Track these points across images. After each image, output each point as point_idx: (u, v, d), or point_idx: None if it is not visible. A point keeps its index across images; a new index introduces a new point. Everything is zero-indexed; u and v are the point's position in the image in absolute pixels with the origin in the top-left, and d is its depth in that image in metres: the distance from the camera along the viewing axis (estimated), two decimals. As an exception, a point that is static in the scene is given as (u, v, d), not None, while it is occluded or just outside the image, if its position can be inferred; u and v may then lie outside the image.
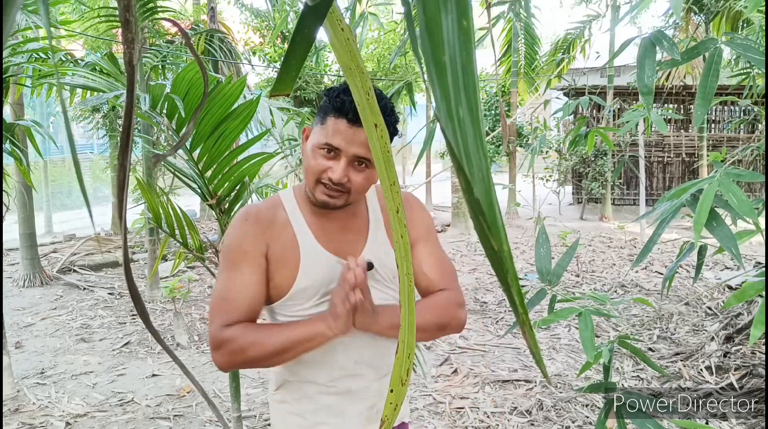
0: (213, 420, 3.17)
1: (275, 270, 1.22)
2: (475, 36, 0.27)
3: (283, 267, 1.22)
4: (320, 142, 1.16)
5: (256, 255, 1.21)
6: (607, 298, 1.28)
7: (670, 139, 11.25)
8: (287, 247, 1.22)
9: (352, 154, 1.15)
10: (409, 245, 0.34)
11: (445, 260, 1.34)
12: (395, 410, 0.34)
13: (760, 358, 3.43)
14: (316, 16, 0.33)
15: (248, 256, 1.21)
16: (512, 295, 0.23)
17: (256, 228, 1.22)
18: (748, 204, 0.93)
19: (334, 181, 1.16)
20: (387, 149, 0.33)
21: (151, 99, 1.89)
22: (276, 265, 1.22)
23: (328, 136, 1.15)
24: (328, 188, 1.17)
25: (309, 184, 1.21)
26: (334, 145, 1.15)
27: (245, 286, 1.20)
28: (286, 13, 8.30)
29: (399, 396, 0.34)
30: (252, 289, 1.20)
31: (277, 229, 1.23)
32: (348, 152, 1.15)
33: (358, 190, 1.19)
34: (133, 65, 0.22)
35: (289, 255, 1.21)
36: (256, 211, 1.26)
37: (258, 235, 1.22)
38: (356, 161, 1.16)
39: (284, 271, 1.21)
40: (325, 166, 1.16)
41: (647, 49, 0.97)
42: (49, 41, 3.83)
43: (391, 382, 0.35)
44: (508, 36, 9.96)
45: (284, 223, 1.24)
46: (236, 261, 1.21)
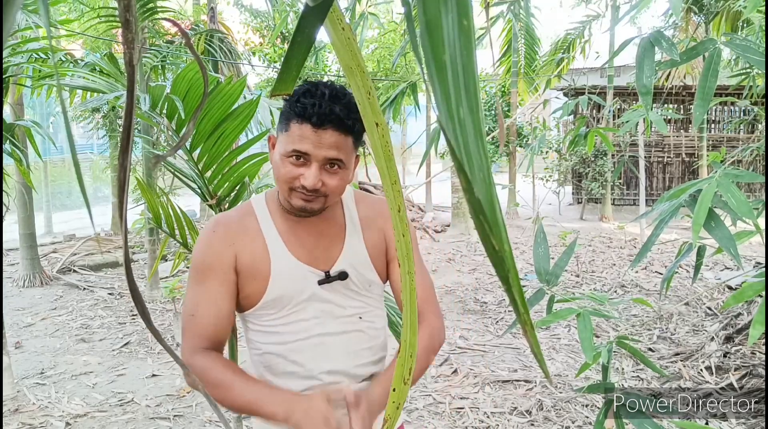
0: (213, 420, 3.17)
1: (246, 281, 1.19)
2: (475, 36, 0.27)
3: (253, 277, 1.18)
4: (287, 149, 1.12)
5: (224, 268, 1.18)
6: (605, 298, 1.28)
7: (669, 140, 11.26)
8: (257, 257, 1.18)
9: (322, 158, 1.11)
10: (410, 244, 0.34)
11: (425, 276, 1.30)
12: (398, 409, 0.34)
13: (760, 358, 3.43)
14: (316, 16, 0.33)
15: (214, 270, 1.18)
16: (513, 294, 0.23)
17: (224, 240, 1.19)
18: (746, 205, 0.93)
19: (308, 188, 1.12)
20: (388, 148, 0.33)
21: (151, 99, 1.89)
22: (246, 275, 1.19)
23: (295, 142, 1.11)
24: (304, 194, 1.14)
25: (283, 192, 1.17)
26: (302, 151, 1.11)
27: (211, 303, 1.17)
28: (286, 14, 8.30)
29: (401, 395, 0.34)
30: (218, 305, 1.18)
31: (247, 239, 1.20)
32: (318, 156, 1.11)
33: (334, 192, 1.15)
34: (133, 65, 0.22)
35: (259, 265, 1.18)
36: (226, 221, 1.22)
37: (225, 247, 1.18)
38: (327, 164, 1.12)
39: (255, 282, 1.18)
40: (296, 173, 1.12)
41: (646, 50, 0.97)
42: (49, 41, 3.83)
43: (393, 381, 0.35)
44: (508, 36, 9.97)
45: (255, 232, 1.21)
46: (203, 275, 1.18)
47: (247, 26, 11.45)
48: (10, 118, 4.96)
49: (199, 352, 1.16)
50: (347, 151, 1.13)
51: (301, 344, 1.20)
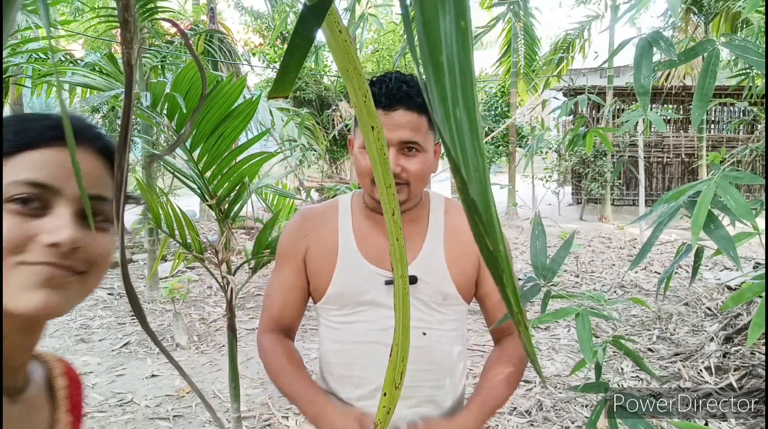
0: (212, 420, 3.17)
1: (313, 273, 1.23)
2: (473, 36, 0.27)
3: (320, 270, 1.21)
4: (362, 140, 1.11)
5: (296, 257, 1.23)
6: (602, 297, 1.28)
7: (669, 140, 11.26)
8: (327, 250, 1.21)
9: (397, 141, 1.08)
10: (404, 249, 0.33)
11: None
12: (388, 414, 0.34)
13: (760, 358, 3.43)
14: (314, 17, 0.33)
15: (288, 258, 1.24)
16: (508, 294, 0.23)
17: (301, 230, 1.24)
18: (745, 206, 0.93)
19: None
20: (383, 152, 0.34)
21: (152, 97, 1.89)
22: (314, 267, 1.22)
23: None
24: None
25: (365, 187, 1.16)
26: None
27: (282, 288, 1.25)
28: (286, 14, 8.31)
29: (392, 400, 0.34)
30: (286, 292, 1.24)
31: (323, 233, 1.22)
32: (393, 140, 1.08)
33: (417, 177, 1.11)
34: (131, 65, 0.22)
35: (327, 258, 1.21)
36: (308, 212, 1.27)
37: (300, 237, 1.23)
38: (404, 148, 1.10)
39: (321, 275, 1.21)
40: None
41: (644, 50, 0.97)
42: (49, 41, 3.83)
43: (384, 386, 0.34)
44: (507, 36, 9.97)
45: (332, 227, 1.23)
46: (279, 261, 1.26)
47: (247, 27, 11.46)
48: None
49: (268, 332, 1.25)
50: (422, 132, 1.10)
51: (356, 347, 1.19)
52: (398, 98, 1.07)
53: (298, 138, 4.25)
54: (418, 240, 1.20)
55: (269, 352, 1.22)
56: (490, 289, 1.24)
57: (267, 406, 3.28)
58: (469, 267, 1.21)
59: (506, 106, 11.09)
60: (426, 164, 1.12)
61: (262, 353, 1.23)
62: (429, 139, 1.12)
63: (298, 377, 1.18)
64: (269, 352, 1.22)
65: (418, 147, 1.10)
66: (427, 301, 1.18)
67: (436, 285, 1.17)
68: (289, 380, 1.17)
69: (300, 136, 4.19)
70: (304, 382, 1.17)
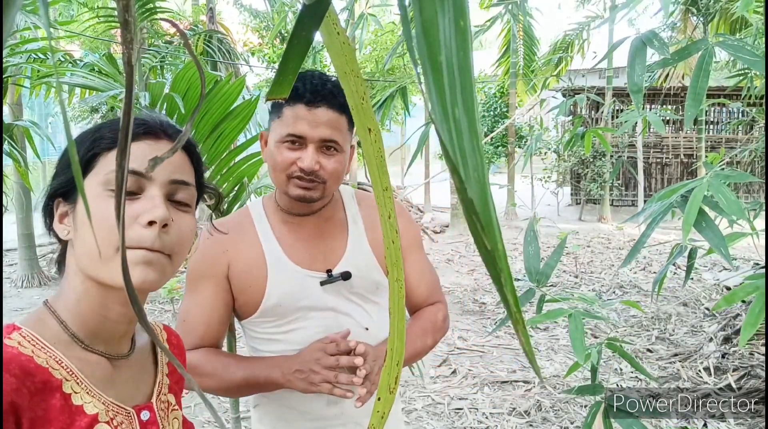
0: (211, 421, 3.17)
1: (241, 289, 1.16)
2: (472, 36, 0.27)
3: (249, 284, 1.15)
4: (282, 134, 1.08)
5: (216, 276, 1.15)
6: (595, 300, 1.29)
7: (668, 140, 11.27)
8: (253, 263, 1.15)
9: (318, 139, 1.07)
10: (400, 252, 0.34)
11: (431, 270, 1.31)
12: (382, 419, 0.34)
13: (759, 359, 3.43)
14: (313, 18, 0.33)
15: (207, 278, 1.16)
16: (506, 294, 0.23)
17: (217, 247, 1.16)
18: (737, 205, 0.93)
19: (305, 171, 1.07)
20: (381, 153, 0.33)
21: (151, 97, 1.89)
22: (241, 283, 1.15)
23: (289, 125, 1.08)
24: (301, 180, 1.09)
25: (280, 183, 1.12)
26: (297, 134, 1.07)
27: (201, 309, 1.16)
28: (285, 14, 8.31)
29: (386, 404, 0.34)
30: (208, 312, 1.15)
31: (242, 246, 1.16)
32: (314, 137, 1.07)
33: (333, 177, 1.11)
34: (131, 65, 0.23)
35: (255, 272, 1.14)
36: (221, 227, 1.17)
37: (218, 254, 1.15)
38: (324, 146, 1.09)
39: (251, 289, 1.15)
40: (292, 157, 1.08)
41: (638, 49, 0.97)
42: (49, 41, 3.83)
43: (378, 390, 0.34)
44: (507, 37, 9.97)
45: (251, 237, 1.17)
46: (195, 283, 1.17)
47: (246, 26, 11.46)
48: (9, 119, 4.96)
49: (189, 351, 1.13)
50: (342, 132, 1.11)
51: None
52: (322, 95, 1.07)
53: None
54: (341, 236, 1.20)
55: (203, 364, 1.12)
56: (408, 271, 1.26)
57: (266, 407, 3.28)
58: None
59: (505, 107, 11.10)
60: (342, 164, 1.12)
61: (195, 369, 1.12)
62: (347, 139, 1.13)
63: (242, 360, 1.14)
64: (202, 363, 1.12)
65: (337, 146, 1.10)
66: (363, 293, 1.19)
67: (368, 276, 1.18)
68: (236, 368, 1.11)
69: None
70: (251, 359, 1.15)
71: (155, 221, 0.65)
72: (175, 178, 0.70)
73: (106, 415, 0.67)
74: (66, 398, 0.64)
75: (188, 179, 0.73)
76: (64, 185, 0.70)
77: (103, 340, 0.70)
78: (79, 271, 0.68)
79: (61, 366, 0.65)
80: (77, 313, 0.68)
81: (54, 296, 0.71)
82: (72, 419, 0.64)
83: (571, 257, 6.84)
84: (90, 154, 0.69)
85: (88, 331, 0.69)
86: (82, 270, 0.68)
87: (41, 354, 0.64)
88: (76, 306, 0.68)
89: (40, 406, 0.61)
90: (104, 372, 0.70)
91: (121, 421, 0.69)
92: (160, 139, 0.71)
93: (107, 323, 0.70)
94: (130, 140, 0.25)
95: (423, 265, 1.30)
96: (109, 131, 0.70)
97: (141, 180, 0.68)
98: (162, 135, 0.71)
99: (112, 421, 0.67)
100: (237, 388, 1.12)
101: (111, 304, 0.69)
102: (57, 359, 0.65)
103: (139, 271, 0.65)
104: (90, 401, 0.66)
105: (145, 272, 0.66)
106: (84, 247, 0.66)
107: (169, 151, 0.28)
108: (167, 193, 0.70)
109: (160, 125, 0.72)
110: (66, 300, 0.69)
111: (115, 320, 0.70)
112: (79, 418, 0.64)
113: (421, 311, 1.28)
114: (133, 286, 0.26)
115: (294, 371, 1.06)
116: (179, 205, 0.72)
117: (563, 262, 6.74)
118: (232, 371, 1.11)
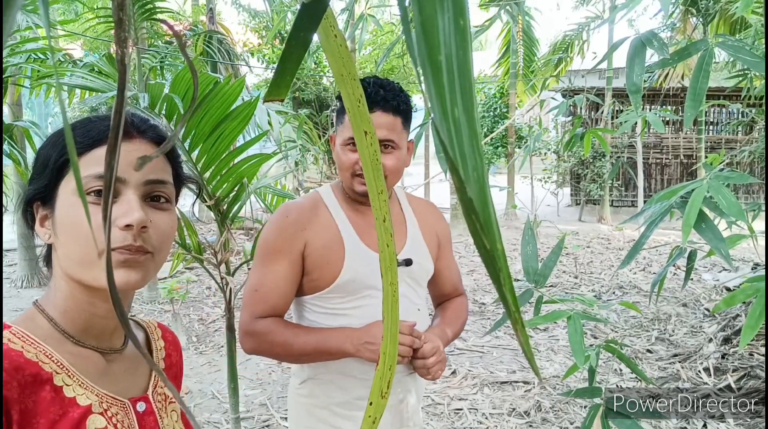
0: (211, 421, 3.17)
1: (316, 265, 1.26)
2: (471, 36, 0.27)
3: (325, 262, 1.25)
4: (344, 138, 1.23)
5: (292, 252, 1.25)
6: (594, 301, 1.29)
7: (668, 141, 11.28)
8: (331, 243, 1.26)
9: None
10: (395, 255, 0.34)
11: (457, 264, 1.49)
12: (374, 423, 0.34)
13: (758, 359, 3.43)
14: (311, 19, 0.32)
15: (282, 253, 1.25)
16: (505, 294, 0.23)
17: (296, 226, 1.26)
18: (737, 206, 0.93)
19: None
20: (376, 157, 0.33)
21: (150, 98, 1.89)
22: (317, 260, 1.25)
23: (350, 130, 1.22)
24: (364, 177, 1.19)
25: (346, 180, 1.26)
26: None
27: (276, 281, 1.25)
28: (284, 14, 8.31)
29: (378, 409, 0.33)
30: (282, 284, 1.25)
31: (318, 226, 1.27)
32: None
33: (392, 172, 1.24)
34: (125, 64, 0.22)
35: (332, 250, 1.25)
36: (298, 208, 1.29)
37: (296, 232, 1.25)
38: (382, 145, 1.21)
39: (327, 266, 1.25)
40: (354, 158, 1.22)
41: (637, 49, 0.98)
42: (49, 41, 3.83)
43: (370, 395, 0.34)
44: (506, 38, 9.98)
45: (326, 220, 1.28)
46: (270, 257, 1.26)
47: (245, 27, 11.46)
48: (9, 119, 4.96)
49: (259, 319, 1.24)
50: (398, 132, 1.23)
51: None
52: (376, 101, 1.20)
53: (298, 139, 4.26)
54: (402, 228, 1.35)
55: (274, 332, 1.21)
56: (444, 264, 1.45)
57: (266, 407, 3.28)
58: (435, 247, 1.41)
59: (505, 108, 11.10)
60: (400, 160, 1.25)
61: (266, 337, 1.22)
62: (403, 137, 1.26)
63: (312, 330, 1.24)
64: (274, 331, 1.21)
65: (394, 144, 1.23)
66: (419, 279, 1.35)
67: (424, 264, 1.35)
68: (307, 337, 1.21)
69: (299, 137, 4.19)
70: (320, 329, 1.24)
71: (132, 224, 0.66)
72: (150, 178, 0.70)
73: (100, 407, 0.68)
74: (57, 390, 0.65)
75: (164, 177, 0.73)
76: (41, 190, 0.70)
77: (94, 335, 0.72)
78: (63, 273, 0.70)
79: (52, 360, 0.66)
80: (65, 310, 0.70)
81: (43, 296, 0.73)
82: (64, 410, 0.65)
83: (571, 258, 6.84)
84: (62, 159, 0.69)
85: (78, 328, 0.70)
86: (66, 272, 0.69)
87: (31, 349, 0.65)
88: (64, 304, 0.70)
89: (30, 398, 0.63)
90: (97, 366, 0.71)
91: (116, 412, 0.70)
92: (133, 139, 0.70)
93: (96, 319, 0.71)
94: (120, 139, 0.24)
95: (453, 259, 1.48)
96: (80, 136, 0.69)
97: (116, 184, 0.67)
98: (135, 134, 0.71)
99: (106, 412, 0.69)
100: (306, 355, 1.23)
101: (98, 302, 0.70)
102: (47, 353, 0.66)
103: (120, 274, 0.67)
104: (83, 393, 0.67)
105: (127, 274, 0.67)
106: (65, 251, 0.67)
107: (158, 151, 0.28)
108: (144, 194, 0.70)
109: (131, 124, 0.71)
110: (54, 299, 0.71)
111: (103, 316, 0.71)
112: (72, 409, 0.65)
113: (451, 301, 1.46)
114: (116, 289, 0.26)
115: (364, 342, 1.17)
116: (157, 203, 0.72)
117: (563, 263, 6.74)
118: (303, 340, 1.21)
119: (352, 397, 1.30)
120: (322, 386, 1.32)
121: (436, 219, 1.44)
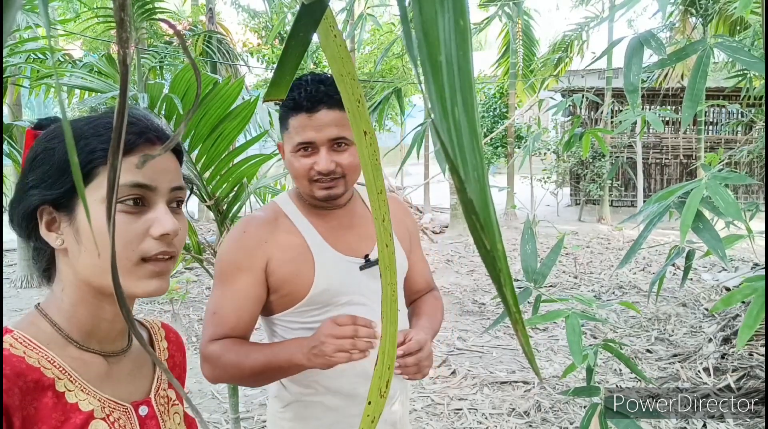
0: (210, 421, 3.17)
1: (284, 280, 1.17)
2: (471, 36, 0.27)
3: (295, 275, 1.17)
4: (293, 144, 1.15)
5: (253, 269, 1.16)
6: (592, 300, 1.29)
7: (667, 141, 11.28)
8: (297, 254, 1.18)
9: (326, 140, 1.13)
10: (394, 255, 0.33)
11: (427, 263, 1.46)
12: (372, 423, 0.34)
13: (758, 359, 3.43)
14: (311, 19, 0.33)
15: (242, 270, 1.16)
16: (505, 294, 0.23)
17: (255, 240, 1.17)
18: (735, 206, 0.93)
19: (323, 172, 1.13)
20: (376, 157, 0.33)
21: (149, 98, 1.89)
22: (285, 275, 1.17)
23: (297, 135, 1.13)
24: (323, 181, 1.15)
25: (304, 188, 1.18)
26: (306, 141, 1.13)
27: (236, 302, 1.16)
28: (284, 15, 8.31)
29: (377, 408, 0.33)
30: (243, 304, 1.16)
31: (281, 239, 1.18)
32: (322, 139, 1.13)
33: (350, 170, 1.16)
34: (126, 65, 0.22)
35: (300, 262, 1.17)
36: (256, 222, 1.20)
37: (256, 247, 1.17)
38: (335, 144, 1.14)
39: (297, 279, 1.17)
40: (308, 163, 1.14)
41: (635, 49, 0.98)
42: (48, 41, 3.82)
43: (369, 394, 0.34)
44: (506, 38, 9.98)
45: (289, 231, 1.19)
46: (229, 276, 1.17)
47: (245, 27, 11.46)
48: (8, 119, 4.96)
49: (214, 342, 1.15)
50: (348, 127, 1.14)
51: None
52: (318, 99, 1.12)
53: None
54: (368, 226, 1.27)
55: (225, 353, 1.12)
56: (416, 258, 1.40)
57: (266, 407, 3.28)
58: (407, 241, 1.36)
59: (505, 108, 11.10)
60: (356, 156, 1.15)
61: (217, 361, 1.12)
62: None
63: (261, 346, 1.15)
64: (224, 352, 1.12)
65: (347, 141, 1.15)
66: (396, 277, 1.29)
67: (399, 261, 1.26)
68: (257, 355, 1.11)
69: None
70: (269, 345, 1.16)
71: (168, 233, 0.67)
72: (175, 184, 0.71)
73: (102, 412, 0.68)
74: (59, 396, 0.65)
75: (183, 183, 0.74)
76: (61, 196, 0.67)
77: (98, 339, 0.72)
78: (77, 279, 0.68)
79: (54, 365, 0.66)
80: (72, 316, 0.69)
81: (46, 301, 0.71)
82: (66, 416, 0.65)
83: (571, 258, 6.84)
84: (89, 166, 0.67)
85: (83, 333, 0.70)
86: (86, 280, 0.68)
87: (33, 354, 0.65)
88: (72, 310, 0.69)
89: (32, 405, 0.62)
90: (100, 370, 0.71)
91: (118, 417, 0.70)
92: (155, 146, 0.71)
93: (103, 324, 0.71)
94: (123, 140, 0.25)
95: (423, 255, 1.44)
96: (105, 143, 0.67)
97: (147, 192, 0.68)
98: (156, 141, 0.71)
99: (108, 417, 0.69)
100: (259, 374, 1.12)
101: (107, 306, 0.70)
102: (49, 359, 0.66)
103: (157, 283, 0.68)
104: (85, 398, 0.67)
105: (163, 283, 0.69)
106: (89, 259, 0.66)
107: (161, 150, 0.28)
108: (169, 200, 0.71)
109: (155, 131, 0.71)
110: (60, 304, 0.70)
111: (110, 320, 0.71)
112: (74, 415, 0.65)
113: (426, 296, 1.41)
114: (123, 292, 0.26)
115: (311, 348, 1.06)
116: (177, 207, 0.72)
117: (563, 263, 6.74)
118: (253, 358, 1.11)
119: (344, 416, 1.20)
120: (309, 408, 1.22)
121: (404, 213, 1.39)
